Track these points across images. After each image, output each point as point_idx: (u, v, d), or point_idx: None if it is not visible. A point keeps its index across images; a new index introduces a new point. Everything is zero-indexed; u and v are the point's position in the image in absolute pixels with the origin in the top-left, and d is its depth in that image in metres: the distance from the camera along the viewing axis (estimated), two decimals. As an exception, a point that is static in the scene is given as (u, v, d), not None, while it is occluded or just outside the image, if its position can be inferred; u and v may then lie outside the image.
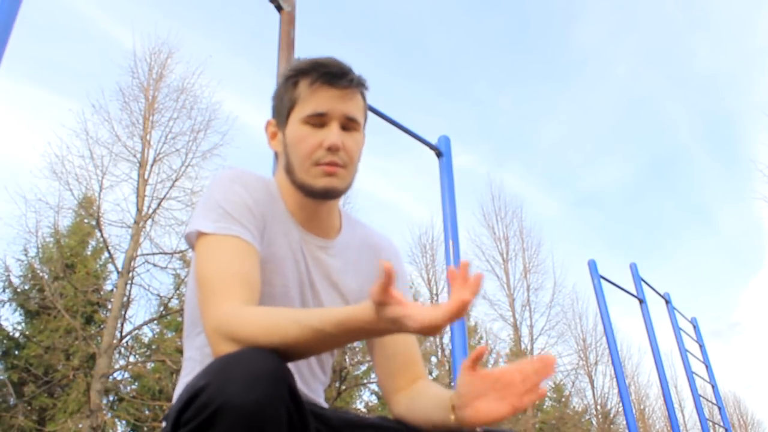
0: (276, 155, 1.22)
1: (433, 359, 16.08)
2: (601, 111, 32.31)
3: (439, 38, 30.97)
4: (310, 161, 1.09)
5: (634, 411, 4.66)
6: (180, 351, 12.09)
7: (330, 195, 1.12)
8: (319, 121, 1.10)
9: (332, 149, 1.08)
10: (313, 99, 1.10)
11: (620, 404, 14.44)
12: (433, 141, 3.02)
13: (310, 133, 1.10)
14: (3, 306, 13.33)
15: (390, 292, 0.76)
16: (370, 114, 1.25)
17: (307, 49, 2.26)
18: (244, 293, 0.96)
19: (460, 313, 0.74)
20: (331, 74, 1.10)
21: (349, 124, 1.12)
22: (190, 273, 1.12)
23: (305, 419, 0.80)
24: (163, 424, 0.97)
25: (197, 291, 1.00)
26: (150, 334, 14.22)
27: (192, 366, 1.10)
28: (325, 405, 1.18)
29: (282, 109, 1.15)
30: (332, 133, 1.09)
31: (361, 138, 1.16)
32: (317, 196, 1.12)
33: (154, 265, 11.72)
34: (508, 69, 31.62)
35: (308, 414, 0.82)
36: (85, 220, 13.94)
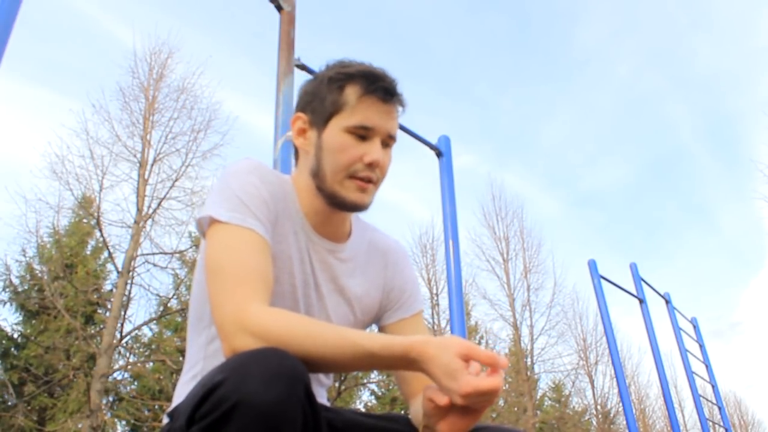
0: (296, 150, 1.19)
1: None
2: (603, 111, 32.33)
3: (440, 38, 31.01)
4: (346, 172, 1.08)
5: (634, 411, 4.66)
6: (180, 351, 12.09)
7: (358, 209, 1.11)
8: (363, 133, 1.08)
9: (373, 166, 1.08)
10: (361, 110, 1.08)
11: (620, 404, 14.44)
12: (434, 141, 3.02)
13: (352, 144, 1.08)
14: (3, 306, 13.35)
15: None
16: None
17: (307, 49, 2.26)
18: (266, 291, 0.96)
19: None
20: (386, 89, 1.09)
21: (388, 141, 1.12)
22: (198, 265, 1.10)
23: (318, 420, 0.81)
24: (165, 420, 0.96)
25: (209, 279, 0.97)
26: (150, 334, 14.25)
27: (195, 361, 1.10)
28: (328, 404, 1.18)
29: (321, 110, 1.11)
30: (375, 149, 1.08)
31: (391, 155, 1.16)
32: (345, 208, 1.11)
33: (154, 265, 11.75)
34: (510, 69, 31.66)
35: (322, 415, 0.82)
36: (85, 220, 13.95)
